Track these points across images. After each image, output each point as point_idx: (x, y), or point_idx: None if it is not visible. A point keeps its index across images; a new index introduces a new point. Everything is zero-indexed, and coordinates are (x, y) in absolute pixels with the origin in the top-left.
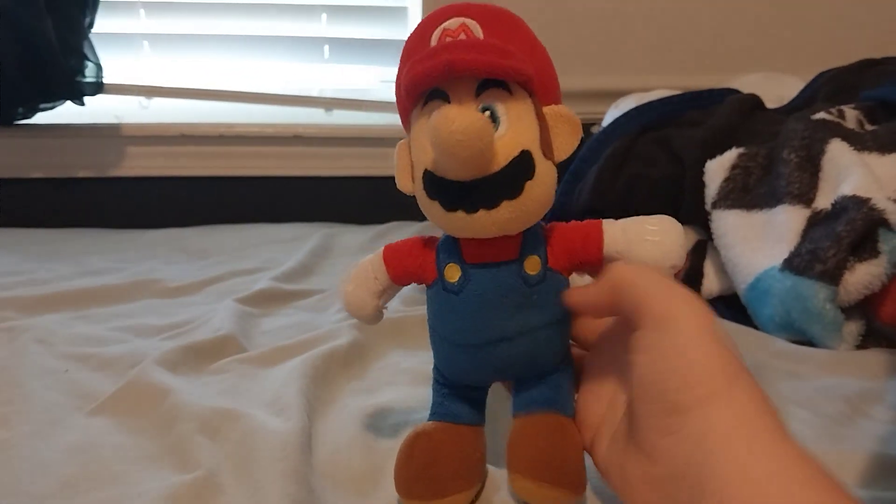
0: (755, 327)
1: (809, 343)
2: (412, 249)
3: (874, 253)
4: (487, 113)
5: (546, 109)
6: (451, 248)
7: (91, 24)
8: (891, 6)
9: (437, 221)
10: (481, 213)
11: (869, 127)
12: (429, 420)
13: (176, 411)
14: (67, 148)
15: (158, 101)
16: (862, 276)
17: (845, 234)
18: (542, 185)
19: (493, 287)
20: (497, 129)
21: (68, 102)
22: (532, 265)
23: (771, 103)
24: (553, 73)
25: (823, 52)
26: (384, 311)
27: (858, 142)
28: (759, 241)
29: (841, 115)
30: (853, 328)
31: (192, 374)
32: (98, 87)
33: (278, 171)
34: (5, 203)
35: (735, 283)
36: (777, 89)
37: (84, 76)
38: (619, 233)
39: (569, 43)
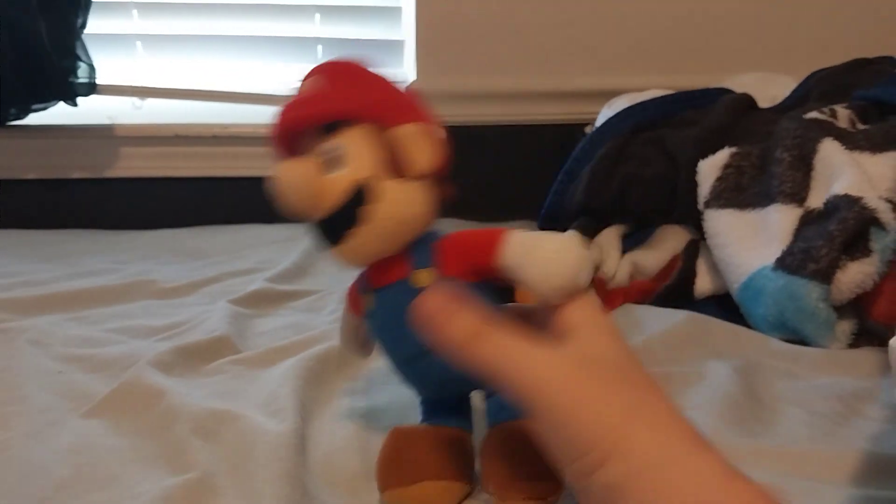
0: (748, 326)
1: (802, 342)
2: (354, 285)
3: (866, 252)
4: (326, 157)
5: (396, 131)
6: (362, 277)
7: (84, 25)
8: (882, 7)
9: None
10: (341, 245)
11: (861, 126)
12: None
13: (171, 413)
14: (61, 149)
15: (152, 102)
16: (854, 275)
17: (837, 233)
18: (391, 203)
19: (392, 306)
20: (338, 168)
21: (61, 103)
22: (422, 279)
23: (764, 103)
24: (399, 96)
25: (816, 52)
26: (368, 343)
27: (850, 141)
28: (751, 241)
29: (833, 114)
30: (846, 327)
31: (188, 376)
32: (91, 88)
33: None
34: None
35: (728, 282)
36: (770, 89)
37: (77, 77)
38: (519, 245)
39: (562, 43)
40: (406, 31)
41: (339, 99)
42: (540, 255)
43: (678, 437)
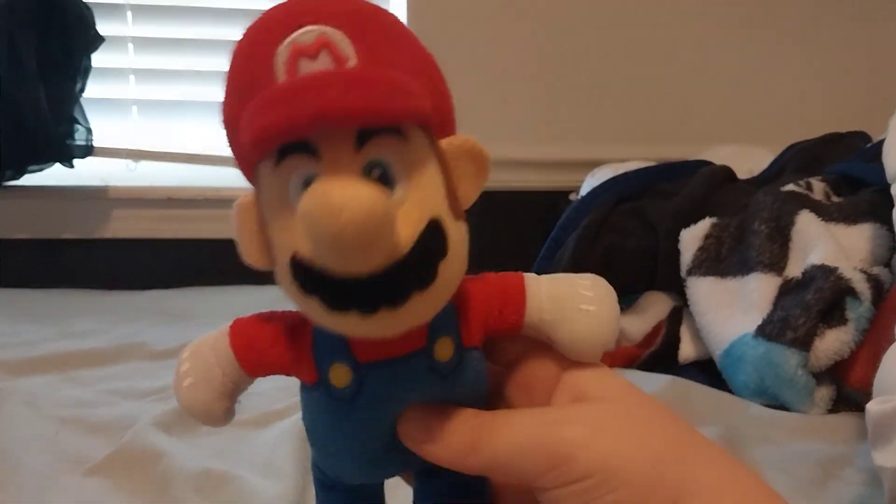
0: (731, 392)
1: (782, 408)
2: (276, 338)
3: (842, 320)
4: (377, 172)
5: (444, 144)
6: (335, 341)
7: (82, 90)
8: (855, 83)
9: (318, 320)
10: (383, 312)
11: (835, 199)
12: None
13: (171, 473)
14: (54, 210)
15: (146, 165)
16: (831, 343)
17: (814, 302)
18: (457, 260)
19: (397, 389)
20: (393, 194)
21: (57, 164)
22: (443, 349)
23: (741, 174)
24: (446, 90)
25: (792, 126)
26: (237, 405)
27: (825, 213)
28: (732, 309)
29: (809, 187)
30: (824, 393)
31: (185, 436)
32: (87, 150)
33: None
34: None
35: (710, 349)
36: (747, 162)
37: (74, 140)
38: (546, 297)
39: (548, 114)
40: None
41: (416, 90)
42: (583, 308)
43: (737, 473)
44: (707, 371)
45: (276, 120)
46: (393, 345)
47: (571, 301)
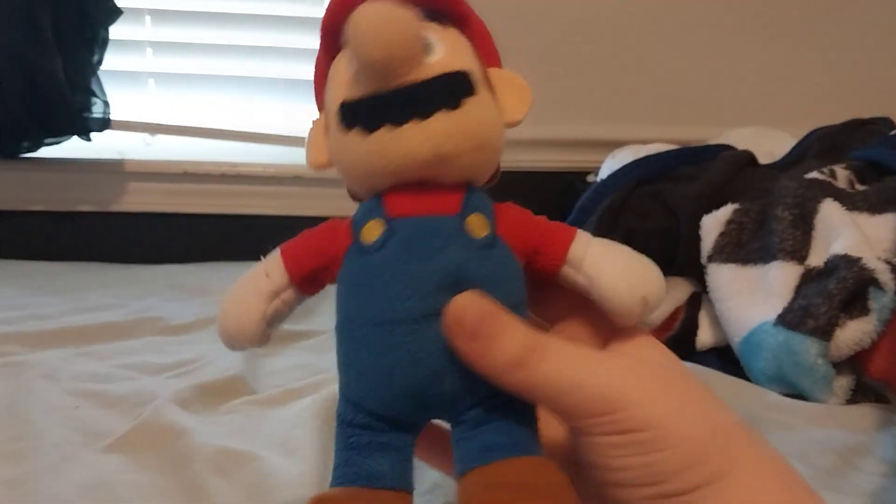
0: (748, 379)
1: (801, 396)
2: (319, 231)
3: (864, 310)
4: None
5: (492, 71)
6: (372, 205)
7: (100, 62)
8: (878, 67)
9: (357, 160)
10: (412, 124)
11: (859, 187)
12: (332, 485)
13: (190, 451)
14: (70, 182)
15: (162, 139)
16: (853, 333)
17: (837, 291)
18: (488, 111)
19: (425, 232)
20: (431, 53)
21: (73, 137)
22: (477, 224)
23: (762, 157)
24: (492, 41)
25: (813, 108)
26: (272, 330)
27: (849, 202)
28: (752, 296)
29: (832, 174)
30: (844, 383)
31: (205, 413)
32: (105, 124)
33: (280, 211)
34: (6, 235)
35: (729, 335)
36: (768, 144)
37: (91, 112)
38: (594, 242)
39: (567, 93)
40: None
41: None
42: (624, 256)
43: (778, 460)
44: (724, 358)
45: None
46: (426, 203)
47: (617, 252)
